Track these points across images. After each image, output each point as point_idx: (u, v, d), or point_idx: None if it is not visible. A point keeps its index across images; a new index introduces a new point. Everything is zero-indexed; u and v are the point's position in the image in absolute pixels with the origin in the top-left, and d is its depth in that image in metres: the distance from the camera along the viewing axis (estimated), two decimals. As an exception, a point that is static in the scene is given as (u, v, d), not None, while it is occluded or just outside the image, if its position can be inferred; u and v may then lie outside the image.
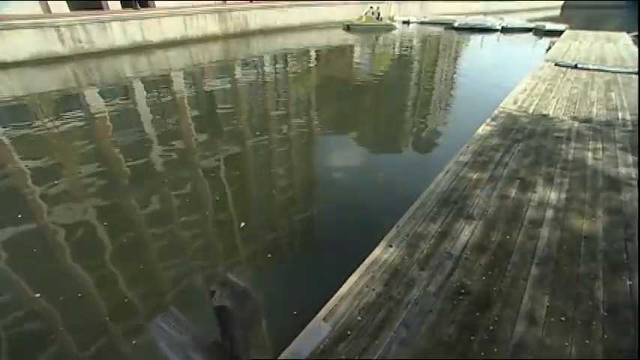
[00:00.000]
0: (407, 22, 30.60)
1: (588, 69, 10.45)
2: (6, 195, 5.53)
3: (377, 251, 3.08)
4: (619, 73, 10.00)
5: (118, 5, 25.15)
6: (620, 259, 3.06)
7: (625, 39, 17.37)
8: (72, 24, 15.05)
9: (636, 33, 21.17)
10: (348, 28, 25.48)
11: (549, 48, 15.69)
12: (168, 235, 4.56)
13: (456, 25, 28.18)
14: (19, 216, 4.84)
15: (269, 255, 4.19)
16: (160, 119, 8.84)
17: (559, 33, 21.77)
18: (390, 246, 3.14)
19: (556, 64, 11.09)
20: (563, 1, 72.84)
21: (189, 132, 8.05)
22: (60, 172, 6.17)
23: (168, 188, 5.63)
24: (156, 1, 25.61)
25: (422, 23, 31.19)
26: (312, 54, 18.22)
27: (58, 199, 5.30)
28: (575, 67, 10.63)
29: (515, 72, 12.03)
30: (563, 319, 2.45)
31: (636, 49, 14.02)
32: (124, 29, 16.76)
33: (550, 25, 26.74)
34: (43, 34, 14.41)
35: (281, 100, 10.58)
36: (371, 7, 26.72)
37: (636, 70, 10.12)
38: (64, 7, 23.01)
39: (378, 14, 25.98)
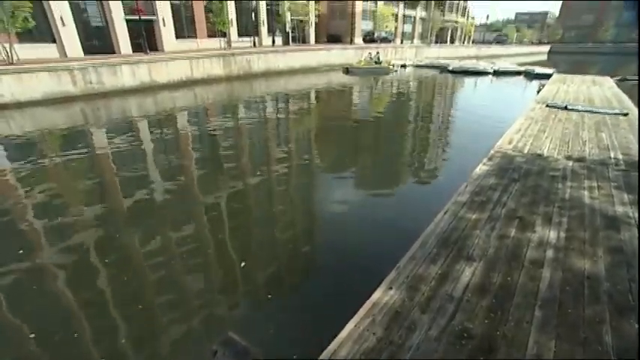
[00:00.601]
0: (404, 66, 32.25)
1: (578, 110, 10.87)
2: (9, 230, 5.55)
3: (377, 294, 3.04)
4: (607, 114, 10.38)
5: (129, 49, 26.74)
6: (626, 300, 3.01)
7: (609, 82, 18.22)
8: (84, 67, 15.97)
9: (619, 77, 22.29)
10: (348, 71, 26.70)
11: (539, 90, 16.40)
12: (167, 274, 4.51)
13: (450, 68, 29.68)
14: (20, 252, 4.85)
15: (269, 296, 4.12)
16: (162, 156, 9.07)
17: (548, 76, 22.86)
18: (391, 288, 3.11)
19: (547, 106, 11.54)
20: (549, 47, 77.55)
21: (190, 169, 8.22)
22: (62, 207, 6.25)
23: (168, 225, 5.66)
24: (165, 47, 27.26)
25: (418, 66, 32.89)
26: (313, 95, 19.05)
27: (59, 235, 5.32)
28: (566, 108, 11.05)
29: (509, 112, 12.51)
30: (571, 365, 2.38)
31: (620, 92, 14.66)
32: (133, 71, 17.74)
33: (539, 69, 28.19)
34: (57, 77, 15.28)
35: (282, 139, 10.90)
36: (370, 52, 28.31)
37: (623, 111, 10.53)
38: (80, 52, 24.51)
39: (378, 58, 27.37)
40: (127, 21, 26.36)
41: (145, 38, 23.08)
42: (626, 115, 10.21)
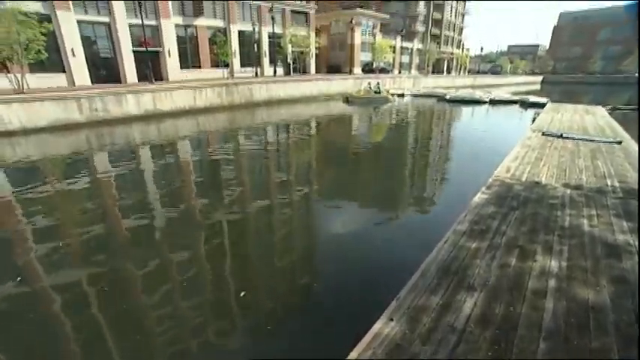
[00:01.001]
0: (402, 95, 33.05)
1: (573, 138, 11.07)
2: (8, 256, 5.51)
3: (377, 325, 2.99)
4: (602, 142, 10.57)
5: (135, 79, 27.64)
6: (632, 332, 2.95)
7: (601, 111, 18.66)
8: (91, 96, 16.45)
9: (610, 107, 22.89)
10: (348, 100, 27.24)
11: (534, 119, 16.77)
12: (166, 303, 4.44)
13: (447, 97, 30.41)
14: (19, 279, 4.79)
15: (268, 327, 4.03)
16: (163, 183, 9.13)
17: (542, 105, 23.44)
18: (391, 319, 3.06)
19: (543, 134, 11.76)
20: (541, 77, 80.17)
21: (190, 196, 8.26)
22: (62, 233, 6.24)
23: (167, 253, 5.62)
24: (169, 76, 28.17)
25: (416, 96, 33.70)
26: (313, 124, 19.44)
27: (58, 261, 5.28)
28: (561, 136, 11.26)
29: (506, 140, 12.73)
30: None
31: (613, 121, 15.00)
32: (137, 100, 18.25)
33: (533, 98, 28.95)
34: (64, 105, 15.72)
35: (282, 167, 11.02)
36: (369, 82, 29.10)
37: (617, 139, 10.73)
38: (88, 81, 25.36)
39: (378, 87, 28.00)
40: (135, 52, 27.43)
41: (150, 68, 23.94)
42: (619, 143, 10.40)
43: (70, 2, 24.46)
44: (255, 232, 6.69)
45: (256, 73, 33.20)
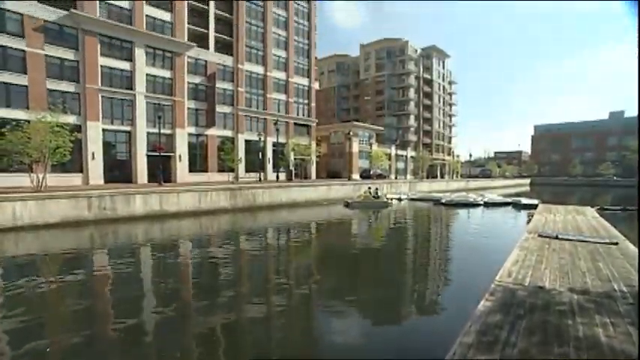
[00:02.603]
0: (399, 199, 34.15)
1: (569, 239, 11.15)
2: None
3: None
4: (598, 243, 10.62)
5: (145, 180, 29.25)
6: None
7: (591, 211, 19.16)
8: (102, 195, 17.17)
9: (599, 207, 23.66)
10: (348, 204, 27.93)
11: (529, 220, 17.13)
12: None
13: (443, 201, 31.30)
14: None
15: None
16: (158, 283, 8.85)
17: (534, 206, 24.15)
18: None
19: (539, 235, 11.88)
20: (529, 180, 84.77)
21: (186, 298, 7.91)
22: (46, 332, 5.82)
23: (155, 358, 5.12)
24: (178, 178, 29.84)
25: (412, 200, 34.83)
26: (314, 226, 19.73)
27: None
28: (557, 237, 11.36)
29: (503, 242, 12.79)
30: None
31: (604, 221, 15.31)
32: (145, 200, 18.97)
33: (525, 200, 29.99)
34: (76, 202, 16.34)
35: (281, 270, 10.80)
36: (369, 187, 30.52)
37: (613, 240, 10.80)
38: (101, 180, 26.88)
39: (377, 192, 29.24)
40: (148, 156, 29.79)
41: (161, 171, 25.60)
42: (616, 244, 10.44)
43: (100, 114, 27.80)
44: (250, 334, 6.23)
45: (260, 178, 35.21)
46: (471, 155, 78.02)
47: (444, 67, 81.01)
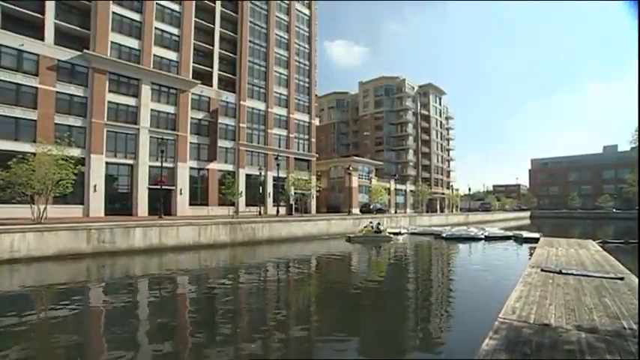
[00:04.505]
0: (400, 233, 33.78)
1: (573, 274, 10.95)
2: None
3: None
4: (604, 278, 10.41)
5: (145, 212, 29.15)
6: None
7: (593, 245, 18.93)
8: (102, 228, 17.04)
9: (601, 240, 23.44)
10: (350, 239, 27.72)
11: (531, 254, 16.90)
12: None
13: (444, 235, 30.93)
14: None
15: None
16: (154, 318, 8.59)
17: (536, 240, 23.87)
18: None
19: (542, 270, 11.69)
20: (529, 212, 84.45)
21: (182, 334, 7.64)
22: None
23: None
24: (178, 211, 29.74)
25: (413, 234, 34.44)
26: (314, 261, 19.41)
27: None
28: (560, 272, 11.16)
29: (505, 277, 12.56)
30: None
31: (608, 254, 15.09)
32: (144, 233, 18.80)
33: (527, 234, 29.71)
34: (75, 235, 16.18)
35: (280, 305, 10.52)
36: (370, 222, 30.38)
37: (618, 275, 10.61)
38: (102, 212, 26.75)
39: (378, 227, 29.09)
40: (149, 189, 29.94)
41: (162, 204, 25.60)
42: (622, 279, 10.24)
43: (104, 147, 28.34)
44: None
45: (260, 212, 35.10)
46: (470, 189, 78.39)
47: (440, 104, 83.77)
